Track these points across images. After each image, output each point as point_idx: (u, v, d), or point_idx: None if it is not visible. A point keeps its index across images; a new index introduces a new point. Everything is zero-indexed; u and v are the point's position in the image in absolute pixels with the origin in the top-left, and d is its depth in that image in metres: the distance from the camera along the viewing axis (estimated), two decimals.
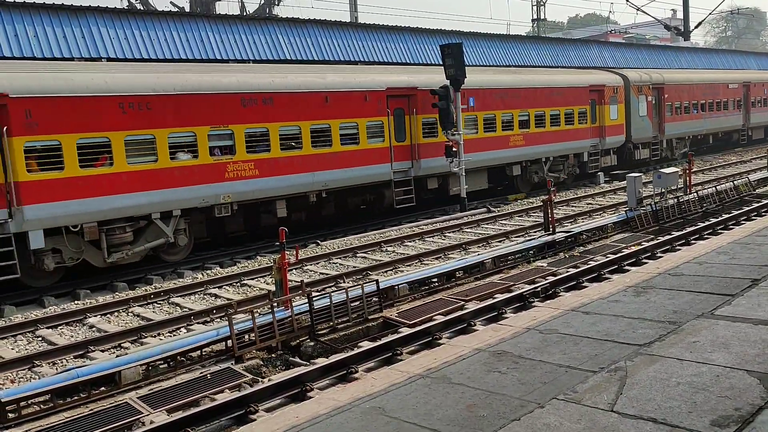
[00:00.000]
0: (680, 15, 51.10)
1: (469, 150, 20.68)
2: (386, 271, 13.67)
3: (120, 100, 13.81)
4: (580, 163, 26.36)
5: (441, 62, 20.31)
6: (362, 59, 25.91)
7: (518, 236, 16.40)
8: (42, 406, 7.96)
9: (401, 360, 8.27)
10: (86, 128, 13.35)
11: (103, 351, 9.85)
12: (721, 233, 13.90)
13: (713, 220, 16.65)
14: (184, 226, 15.26)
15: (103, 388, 8.40)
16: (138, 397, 7.75)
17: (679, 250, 12.96)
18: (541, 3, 44.39)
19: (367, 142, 18.40)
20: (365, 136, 18.37)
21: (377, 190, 19.59)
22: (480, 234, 17.29)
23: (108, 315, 11.74)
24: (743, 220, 16.40)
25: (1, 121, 12.35)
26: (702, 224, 16.22)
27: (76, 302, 12.73)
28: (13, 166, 12.41)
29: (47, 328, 11.07)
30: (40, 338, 10.69)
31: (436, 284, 12.46)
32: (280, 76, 16.96)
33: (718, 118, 34.51)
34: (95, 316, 11.62)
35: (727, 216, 16.97)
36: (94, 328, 11.06)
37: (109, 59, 18.99)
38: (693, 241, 14.24)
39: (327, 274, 13.58)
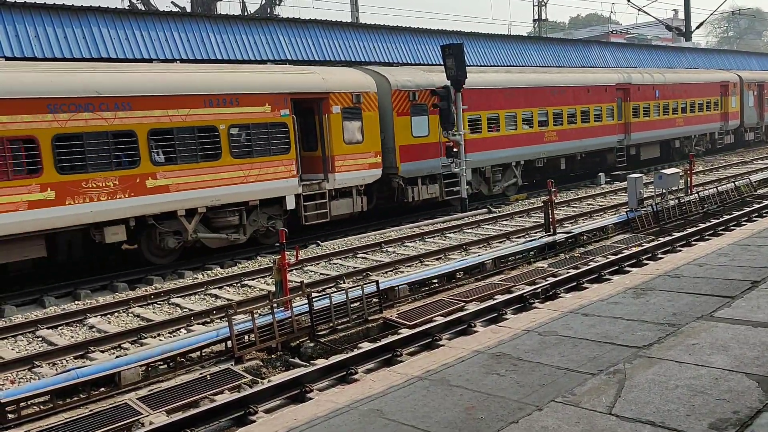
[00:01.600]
0: (682, 15, 51.04)
1: (645, 128, 29.74)
2: (387, 272, 13.67)
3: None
4: (711, 140, 35.80)
5: (442, 62, 20.31)
6: (363, 59, 25.92)
7: (519, 237, 16.40)
8: (42, 406, 7.97)
9: (401, 361, 8.27)
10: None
11: (103, 351, 9.86)
12: (722, 234, 13.88)
13: (714, 221, 16.64)
14: (520, 171, 24.03)
15: (103, 389, 8.41)
16: (138, 398, 7.76)
17: (680, 251, 12.95)
18: (543, 3, 44.37)
19: (603, 121, 27.37)
20: (605, 115, 27.45)
21: (604, 154, 28.43)
22: (481, 235, 17.29)
23: (108, 315, 11.75)
24: (744, 221, 16.39)
25: None
26: (703, 225, 16.21)
27: (76, 302, 12.74)
28: None
29: (47, 328, 11.08)
30: (40, 339, 10.71)
31: (437, 285, 12.47)
32: (561, 74, 26.47)
33: None
34: (95, 316, 11.63)
35: (728, 217, 16.96)
36: (94, 329, 11.08)
37: (109, 59, 19.01)
38: (694, 242, 14.23)
39: (327, 275, 13.58)
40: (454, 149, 19.92)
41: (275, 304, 9.65)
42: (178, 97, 14.73)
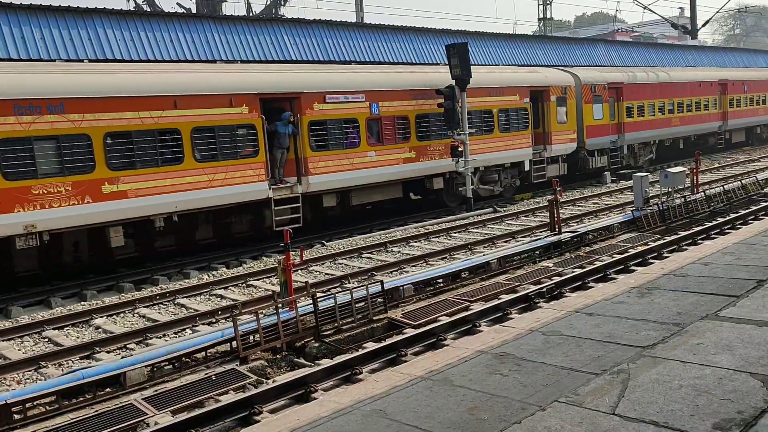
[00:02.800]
0: (688, 13, 50.83)
1: (738, 116, 35.38)
2: (391, 272, 13.67)
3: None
4: None
5: (447, 62, 20.28)
6: (367, 59, 25.93)
7: (524, 236, 16.37)
8: (47, 407, 8.01)
9: (405, 361, 8.27)
10: None
11: (108, 352, 9.89)
12: (728, 233, 13.83)
13: (720, 220, 16.57)
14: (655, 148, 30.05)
15: (108, 389, 8.44)
16: (143, 398, 7.78)
17: (686, 250, 12.90)
18: (548, 2, 44.25)
19: (709, 110, 33.08)
20: (710, 105, 33.29)
21: (707, 137, 34.00)
22: (486, 234, 17.27)
23: (114, 316, 11.80)
24: (751, 219, 16.31)
25: None
26: (709, 224, 16.15)
27: (82, 303, 12.79)
28: None
29: (53, 329, 11.13)
30: (46, 339, 10.75)
31: (442, 285, 12.45)
32: (681, 72, 32.34)
33: None
34: (101, 317, 11.67)
35: (735, 215, 16.89)
36: (100, 329, 11.12)
37: (115, 61, 19.07)
38: (700, 241, 14.17)
39: (332, 275, 13.59)
40: (459, 149, 19.87)
41: (280, 305, 9.66)
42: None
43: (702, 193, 18.83)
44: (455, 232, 17.94)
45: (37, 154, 12.83)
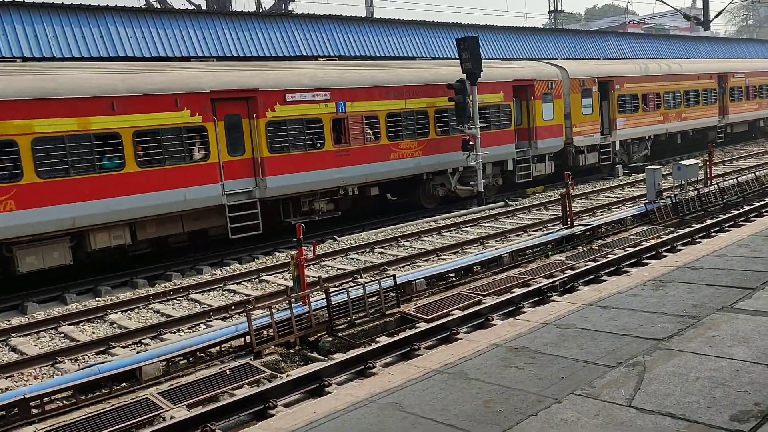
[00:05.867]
0: (700, 4, 50.39)
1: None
2: (403, 266, 13.68)
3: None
4: None
5: (458, 56, 20.20)
6: (378, 54, 25.90)
7: (536, 230, 16.33)
8: (65, 402, 8.08)
9: (419, 355, 8.27)
10: None
11: (123, 347, 9.97)
12: (743, 225, 13.72)
13: (734, 212, 16.45)
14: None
15: (124, 384, 8.50)
16: (159, 393, 7.84)
17: (700, 242, 12.83)
18: None
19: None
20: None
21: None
22: (497, 228, 17.24)
23: (128, 311, 11.88)
24: (765, 211, 16.18)
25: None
26: (723, 216, 16.03)
27: (97, 299, 12.88)
28: None
29: (69, 324, 11.23)
30: (62, 335, 10.85)
31: (454, 279, 12.45)
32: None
33: None
34: (116, 312, 11.76)
35: (749, 208, 16.76)
36: (114, 325, 11.20)
37: (127, 58, 19.17)
38: (714, 234, 14.08)
39: (344, 270, 13.62)
40: (471, 143, 19.81)
41: (293, 299, 9.69)
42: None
43: (716, 186, 18.70)
44: (467, 226, 17.92)
45: None
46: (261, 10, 34.98)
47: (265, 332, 9.40)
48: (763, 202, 17.28)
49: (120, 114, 13.80)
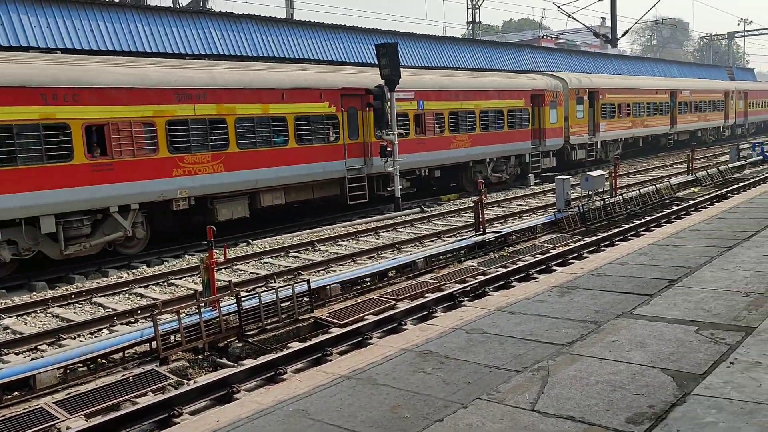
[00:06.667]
0: (609, 23, 52.75)
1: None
2: (319, 271, 13.58)
3: None
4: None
5: (376, 62, 20.30)
6: (297, 57, 25.68)
7: (450, 236, 16.58)
8: None
9: (330, 361, 8.21)
10: None
11: (17, 354, 9.40)
12: (643, 235, 14.39)
13: (636, 222, 17.25)
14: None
15: (16, 393, 8.02)
16: (54, 402, 7.43)
17: (604, 250, 13.35)
18: (477, 6, 45.00)
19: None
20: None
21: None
22: (413, 234, 17.40)
23: (24, 316, 11.23)
24: (664, 222, 17.04)
25: None
26: (626, 226, 16.78)
27: None
28: None
29: None
30: None
31: (369, 284, 12.46)
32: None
33: None
34: (10, 317, 11.09)
35: (650, 218, 17.62)
36: (8, 330, 10.55)
37: (30, 49, 18.20)
38: (617, 242, 14.71)
39: (257, 274, 13.38)
40: (388, 149, 19.94)
41: (203, 304, 9.42)
42: None
43: (620, 196, 19.56)
44: (383, 232, 18.00)
45: None
46: (177, 6, 34.05)
47: (172, 338, 9.10)
48: (662, 213, 18.21)
49: (287, 102, 17.72)
